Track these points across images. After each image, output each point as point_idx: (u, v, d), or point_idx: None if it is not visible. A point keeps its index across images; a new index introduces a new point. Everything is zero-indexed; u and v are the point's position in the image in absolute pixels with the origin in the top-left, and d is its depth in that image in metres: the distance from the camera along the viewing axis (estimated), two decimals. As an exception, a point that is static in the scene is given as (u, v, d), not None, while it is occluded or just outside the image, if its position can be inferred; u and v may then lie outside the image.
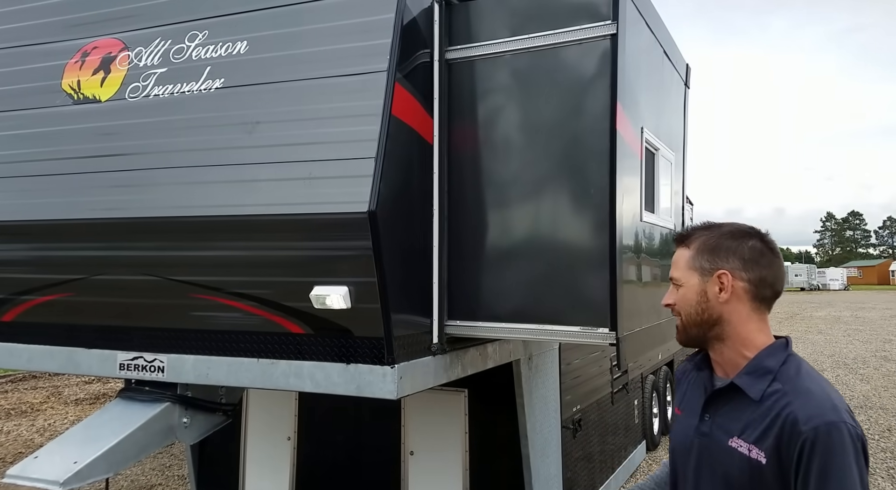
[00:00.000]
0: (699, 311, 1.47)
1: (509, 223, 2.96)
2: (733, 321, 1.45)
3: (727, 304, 1.45)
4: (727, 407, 1.44)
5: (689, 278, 1.49)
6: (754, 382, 1.40)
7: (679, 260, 1.53)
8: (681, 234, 1.57)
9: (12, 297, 3.27)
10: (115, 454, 2.72)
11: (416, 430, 4.06)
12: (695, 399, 1.53)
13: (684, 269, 1.51)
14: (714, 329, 1.47)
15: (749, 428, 1.38)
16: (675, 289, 1.53)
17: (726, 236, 1.49)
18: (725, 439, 1.41)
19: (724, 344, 1.47)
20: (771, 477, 1.33)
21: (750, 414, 1.39)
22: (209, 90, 2.89)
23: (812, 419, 1.30)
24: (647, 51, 3.30)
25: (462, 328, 2.97)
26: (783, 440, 1.32)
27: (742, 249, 1.46)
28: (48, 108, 3.22)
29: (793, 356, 1.44)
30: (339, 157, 2.60)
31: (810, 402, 1.33)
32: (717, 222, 1.58)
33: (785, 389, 1.37)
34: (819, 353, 12.95)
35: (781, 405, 1.35)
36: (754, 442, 1.36)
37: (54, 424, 7.11)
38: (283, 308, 2.74)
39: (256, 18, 2.90)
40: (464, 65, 3.01)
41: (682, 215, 4.46)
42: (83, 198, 3.00)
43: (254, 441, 4.49)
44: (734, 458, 1.39)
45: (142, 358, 3.00)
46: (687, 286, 1.50)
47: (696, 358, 1.60)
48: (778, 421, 1.34)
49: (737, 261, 1.45)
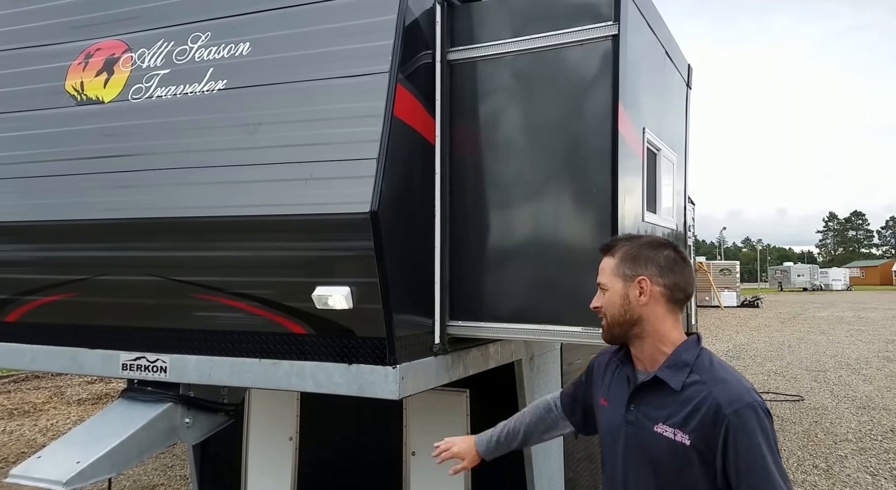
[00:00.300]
0: (622, 313, 1.66)
1: (511, 223, 2.97)
2: (651, 320, 1.65)
3: (646, 306, 1.65)
4: (650, 397, 1.63)
5: (614, 284, 1.68)
6: (674, 375, 1.60)
7: (605, 267, 1.72)
8: (606, 245, 1.76)
9: (16, 298, 3.28)
10: (117, 454, 2.73)
11: (418, 430, 4.06)
12: (620, 391, 1.72)
13: (610, 275, 1.70)
14: (634, 328, 1.66)
15: (673, 415, 1.57)
16: (601, 293, 1.72)
17: (645, 247, 1.69)
18: (651, 426, 1.61)
19: (644, 341, 1.66)
20: (694, 455, 1.53)
21: (672, 402, 1.58)
22: (212, 91, 2.90)
23: (733, 403, 1.51)
24: (649, 51, 3.31)
25: (464, 328, 2.98)
26: (708, 423, 1.52)
27: (658, 258, 1.67)
28: (51, 109, 3.23)
29: (704, 350, 1.65)
30: (340, 158, 2.61)
31: (728, 389, 1.55)
32: (637, 234, 1.82)
33: (703, 379, 1.57)
34: (822, 354, 12.93)
35: (702, 393, 1.55)
36: (678, 427, 1.55)
37: (57, 424, 7.13)
38: (286, 308, 2.75)
39: (259, 20, 2.91)
40: (465, 66, 3.02)
41: (685, 216, 4.46)
42: (86, 198, 3.01)
43: (256, 441, 4.49)
44: (660, 442, 1.58)
45: (144, 358, 3.01)
46: (612, 291, 1.69)
47: (619, 354, 1.77)
48: (701, 407, 1.53)
49: (654, 268, 1.66)
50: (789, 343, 14.89)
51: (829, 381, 9.82)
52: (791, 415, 7.51)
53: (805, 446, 6.22)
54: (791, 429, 6.88)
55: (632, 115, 2.90)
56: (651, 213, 3.33)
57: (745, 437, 1.49)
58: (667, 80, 3.78)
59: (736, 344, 14.75)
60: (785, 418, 7.32)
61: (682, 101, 4.34)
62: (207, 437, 3.25)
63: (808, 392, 8.87)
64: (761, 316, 23.84)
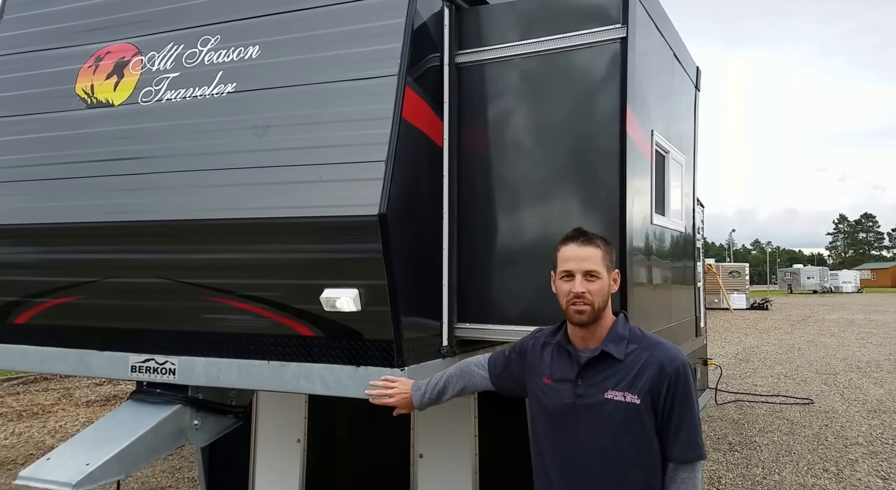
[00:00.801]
0: (606, 299, 1.91)
1: (519, 225, 2.96)
2: (608, 305, 1.93)
3: (612, 293, 1.94)
4: (595, 370, 1.89)
5: (603, 272, 1.90)
6: (617, 347, 1.89)
7: (594, 256, 1.90)
8: (585, 234, 1.95)
9: (26, 300, 3.30)
10: (126, 456, 2.73)
11: (425, 432, 4.05)
12: (565, 369, 1.95)
13: (600, 264, 1.90)
14: (604, 311, 1.91)
15: (621, 380, 1.86)
16: (591, 280, 1.89)
17: (609, 242, 1.98)
18: (601, 394, 1.87)
19: (600, 322, 1.91)
20: (643, 411, 1.84)
21: (617, 371, 1.87)
22: (221, 94, 2.91)
23: (672, 361, 1.87)
24: (657, 54, 3.30)
25: (472, 330, 2.97)
26: (654, 379, 1.84)
27: (614, 254, 1.99)
28: (62, 112, 3.25)
29: (632, 324, 1.98)
30: (349, 161, 2.61)
31: (665, 350, 1.90)
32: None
33: (641, 346, 1.89)
34: (832, 357, 12.83)
35: (643, 358, 1.87)
36: (627, 389, 1.85)
37: (65, 426, 7.16)
38: (294, 310, 2.75)
39: (268, 23, 2.92)
40: (473, 68, 3.02)
41: (693, 217, 4.44)
42: (96, 201, 3.03)
43: (264, 443, 4.49)
44: (611, 406, 1.85)
45: (153, 360, 3.02)
46: (603, 279, 1.90)
47: (557, 337, 2.00)
48: (646, 369, 1.85)
49: (615, 261, 1.98)
50: (799, 346, 14.79)
51: (840, 384, 9.74)
52: (801, 418, 7.45)
53: (815, 450, 6.17)
54: (801, 432, 6.83)
55: (640, 118, 2.89)
56: (660, 215, 3.32)
57: (681, 387, 1.85)
58: (675, 83, 3.77)
59: (745, 346, 14.66)
60: (795, 421, 7.27)
61: (690, 103, 4.33)
62: (216, 439, 3.25)
63: (818, 395, 8.80)
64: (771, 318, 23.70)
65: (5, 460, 5.86)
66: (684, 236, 4.12)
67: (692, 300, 4.65)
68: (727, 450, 6.11)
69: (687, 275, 4.35)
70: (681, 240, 4.02)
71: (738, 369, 11.09)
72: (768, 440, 6.47)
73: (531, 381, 2.05)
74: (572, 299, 1.87)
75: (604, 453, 1.86)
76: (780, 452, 6.08)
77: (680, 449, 1.85)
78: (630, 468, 1.85)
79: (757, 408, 8.01)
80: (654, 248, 3.27)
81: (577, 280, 1.88)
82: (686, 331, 4.46)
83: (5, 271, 3.35)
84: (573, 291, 1.87)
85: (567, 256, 1.91)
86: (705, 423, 7.00)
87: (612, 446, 1.85)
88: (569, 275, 1.90)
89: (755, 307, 29.69)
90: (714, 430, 6.83)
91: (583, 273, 1.88)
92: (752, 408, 7.99)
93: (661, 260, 3.38)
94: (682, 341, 4.18)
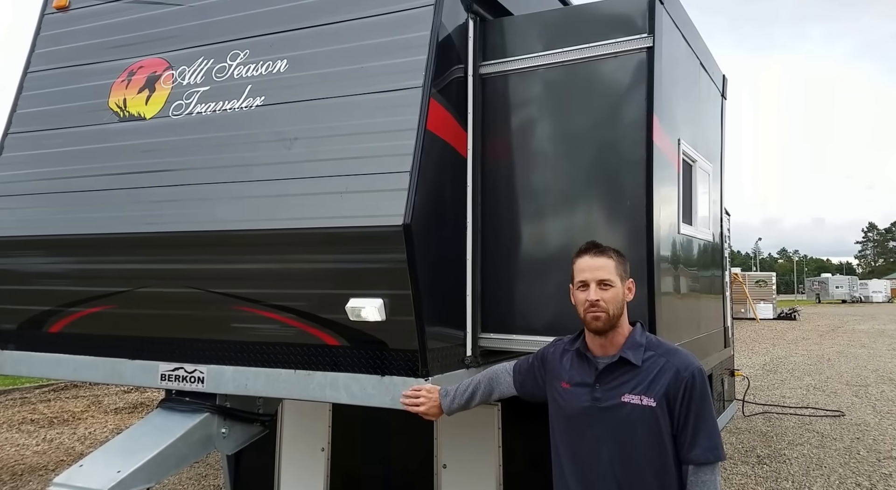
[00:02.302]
0: (620, 307, 1.99)
1: (543, 235, 2.95)
2: (624, 313, 2.02)
3: (626, 301, 2.03)
4: (613, 375, 1.98)
5: (616, 281, 1.99)
6: (635, 353, 1.97)
7: (606, 266, 1.99)
8: (598, 246, 2.04)
9: (60, 309, 3.37)
10: (156, 464, 2.77)
11: (449, 443, 4.04)
12: (583, 374, 2.03)
13: (613, 273, 1.99)
14: (619, 319, 1.99)
15: (638, 385, 1.94)
16: (604, 289, 1.97)
17: (622, 254, 2.07)
18: (618, 398, 1.95)
19: (617, 329, 2.00)
20: (659, 413, 1.91)
21: (635, 375, 1.95)
22: (250, 108, 2.96)
23: (688, 367, 1.95)
24: (684, 62, 3.28)
25: (496, 341, 2.97)
26: (671, 384, 1.92)
27: (627, 265, 2.07)
28: (95, 125, 3.34)
29: (649, 333, 2.07)
30: (374, 172, 2.64)
31: (681, 357, 1.99)
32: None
33: (657, 353, 1.98)
34: (862, 368, 12.52)
35: (660, 364, 1.95)
36: (643, 393, 1.93)
37: (94, 432, 7.28)
38: (320, 320, 2.77)
39: (296, 37, 2.97)
40: (497, 79, 3.03)
41: (721, 226, 4.38)
42: (128, 212, 3.09)
43: (288, 451, 4.52)
44: (628, 409, 1.93)
45: (182, 368, 3.06)
46: (616, 287, 1.98)
47: (576, 344, 2.08)
48: (663, 374, 1.93)
49: (628, 272, 2.06)
50: (828, 357, 14.45)
51: (871, 396, 9.49)
52: (831, 431, 7.27)
53: (847, 464, 6.01)
54: (832, 445, 6.66)
55: (667, 127, 2.88)
56: (687, 224, 3.29)
57: (697, 391, 1.92)
58: (701, 91, 3.74)
59: (773, 357, 14.38)
60: (825, 434, 7.10)
61: (717, 111, 4.29)
62: (243, 447, 3.28)
63: (848, 407, 8.58)
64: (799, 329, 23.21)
65: (37, 466, 5.97)
66: (712, 245, 4.07)
67: (721, 310, 4.58)
68: (755, 463, 5.99)
69: (715, 284, 4.30)
70: (708, 249, 3.97)
71: (766, 380, 10.87)
72: (798, 453, 6.33)
73: (551, 386, 2.14)
74: (588, 307, 1.97)
75: (620, 455, 1.93)
76: (811, 466, 5.94)
77: (700, 451, 1.91)
78: (645, 469, 1.92)
79: (786, 420, 7.84)
80: (682, 257, 3.24)
81: (592, 289, 1.97)
82: (715, 342, 4.39)
83: (40, 281, 3.44)
84: (588, 299, 1.97)
85: (581, 267, 2.01)
86: (733, 434, 6.87)
87: (628, 448, 1.92)
88: (584, 284, 1.99)
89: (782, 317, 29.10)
90: (742, 442, 6.70)
91: (597, 282, 1.98)
92: (780, 420, 7.83)
93: (688, 269, 3.34)
94: (711, 353, 4.11)
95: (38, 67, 3.65)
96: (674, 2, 2.97)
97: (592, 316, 1.96)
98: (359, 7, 2.88)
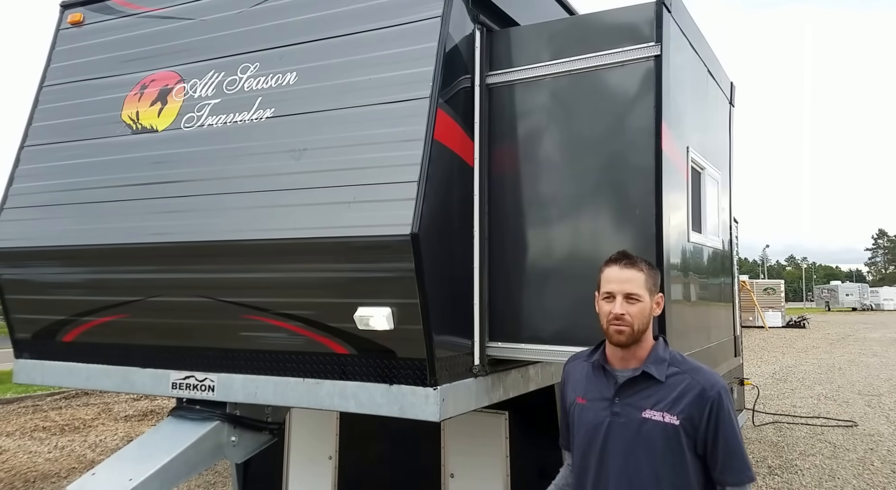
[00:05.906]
0: (647, 322, 1.93)
1: (551, 244, 2.96)
2: (649, 328, 1.95)
3: (654, 316, 1.97)
4: (634, 389, 1.91)
5: (644, 296, 1.92)
6: (658, 368, 1.91)
7: (636, 279, 1.92)
8: (629, 257, 1.95)
9: (73, 318, 3.42)
10: (167, 472, 2.80)
11: (457, 452, 4.04)
12: (601, 388, 1.97)
13: (642, 287, 1.91)
14: (644, 333, 1.93)
15: (660, 401, 1.88)
16: (631, 302, 1.91)
17: (653, 266, 2.00)
18: (638, 413, 1.88)
19: (641, 343, 1.93)
20: (682, 432, 1.85)
21: (657, 391, 1.89)
22: (260, 119, 3.00)
23: (713, 386, 1.89)
24: (691, 70, 3.29)
25: (503, 350, 2.97)
26: (695, 403, 1.86)
27: (658, 278, 2.00)
28: (108, 137, 3.39)
29: (672, 348, 2.01)
30: (382, 182, 2.66)
31: (706, 375, 1.92)
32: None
33: (682, 370, 1.92)
34: (874, 377, 12.38)
35: (684, 381, 1.89)
36: (667, 410, 1.86)
37: (105, 440, 7.32)
38: (328, 329, 2.79)
39: (305, 50, 3.01)
40: (504, 89, 3.05)
41: (730, 234, 4.37)
42: (140, 223, 3.13)
43: (296, 459, 4.53)
44: (649, 426, 1.87)
45: (193, 377, 3.09)
46: (644, 302, 1.91)
47: (594, 357, 2.02)
48: (687, 392, 1.87)
49: (658, 285, 1.99)
50: (839, 365, 14.31)
51: (885, 405, 9.38)
52: (844, 441, 7.19)
53: (860, 475, 5.94)
54: (845, 456, 6.59)
55: (675, 135, 2.89)
56: (696, 232, 3.29)
57: (722, 410, 1.87)
58: (710, 99, 3.75)
59: (782, 366, 14.25)
60: (838, 445, 7.02)
61: (725, 118, 4.29)
62: (252, 455, 3.30)
63: (861, 417, 8.49)
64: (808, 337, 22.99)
65: (49, 473, 6.01)
66: (721, 253, 4.06)
67: (730, 318, 4.56)
68: (766, 473, 5.94)
69: (725, 292, 4.28)
70: (718, 256, 3.96)
71: (776, 389, 10.78)
72: (810, 464, 6.27)
73: (568, 400, 2.08)
74: (612, 320, 1.90)
75: (638, 472, 1.88)
76: (823, 477, 5.88)
77: (734, 473, 1.87)
78: (664, 487, 1.87)
79: (797, 430, 7.76)
80: (692, 265, 3.24)
81: (618, 302, 1.90)
82: (725, 351, 4.37)
83: (54, 291, 3.48)
84: (613, 312, 1.90)
85: (609, 278, 1.94)
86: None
87: (647, 465, 1.87)
88: (610, 296, 1.92)
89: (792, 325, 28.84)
90: (752, 452, 6.63)
91: (624, 295, 1.90)
92: (791, 430, 7.75)
93: (698, 277, 3.33)
94: (721, 362, 4.10)
95: (53, 81, 3.72)
96: (681, 9, 2.99)
97: (616, 329, 1.89)
98: (366, 20, 2.91)
